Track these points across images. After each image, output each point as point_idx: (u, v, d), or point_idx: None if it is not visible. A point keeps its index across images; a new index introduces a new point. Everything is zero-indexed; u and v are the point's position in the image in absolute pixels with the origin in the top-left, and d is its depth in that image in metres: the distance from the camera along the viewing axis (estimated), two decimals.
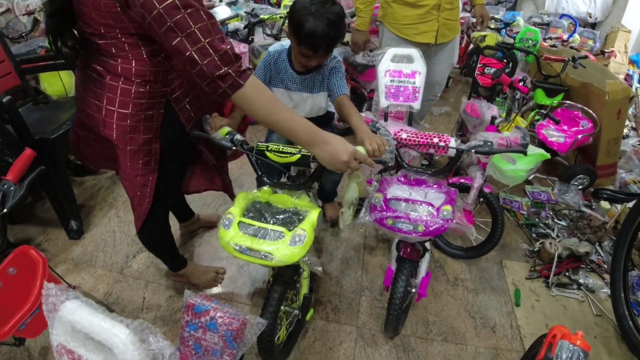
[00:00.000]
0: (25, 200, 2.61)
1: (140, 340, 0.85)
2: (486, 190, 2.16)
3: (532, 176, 3.12)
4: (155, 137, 1.37)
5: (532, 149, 2.26)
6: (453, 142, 1.51)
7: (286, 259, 1.20)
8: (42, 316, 0.96)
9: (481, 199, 2.23)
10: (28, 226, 2.47)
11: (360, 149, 1.28)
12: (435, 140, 1.53)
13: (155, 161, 1.42)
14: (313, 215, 1.30)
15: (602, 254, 2.44)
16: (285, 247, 1.20)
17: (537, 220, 2.70)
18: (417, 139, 1.55)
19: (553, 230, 2.63)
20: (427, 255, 1.71)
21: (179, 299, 2.01)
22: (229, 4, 3.61)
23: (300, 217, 1.33)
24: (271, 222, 1.31)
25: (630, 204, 2.67)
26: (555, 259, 2.31)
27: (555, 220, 2.73)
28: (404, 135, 1.57)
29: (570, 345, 1.02)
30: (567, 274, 2.30)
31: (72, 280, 2.10)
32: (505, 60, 3.36)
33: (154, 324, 1.87)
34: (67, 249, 2.31)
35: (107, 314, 0.88)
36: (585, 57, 3.29)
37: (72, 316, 0.88)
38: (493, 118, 2.54)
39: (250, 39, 3.30)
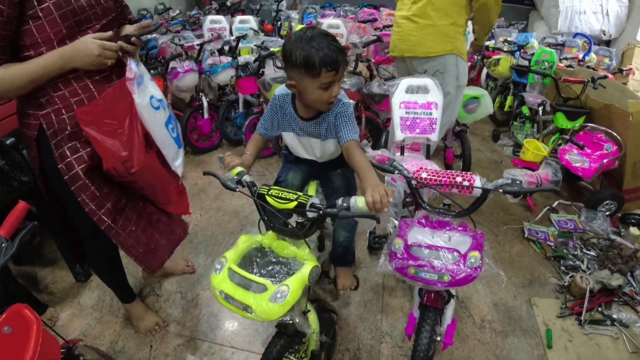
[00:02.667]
0: (29, 243, 2.56)
1: None
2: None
3: (556, 203, 3.00)
4: None
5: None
6: (478, 181, 1.40)
7: (264, 315, 1.12)
8: None
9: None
10: (35, 267, 2.40)
11: (360, 199, 1.19)
12: (459, 179, 1.42)
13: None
14: (305, 269, 1.21)
15: (635, 285, 2.29)
16: (264, 302, 1.13)
17: (565, 251, 2.56)
18: (438, 179, 1.44)
19: (582, 261, 2.49)
20: (453, 301, 1.58)
21: (187, 348, 1.91)
22: (240, 38, 3.59)
23: (293, 270, 1.24)
24: (260, 272, 1.26)
25: None
26: (587, 294, 2.16)
27: (584, 250, 2.59)
28: (424, 175, 1.46)
29: None
30: (599, 309, 2.15)
31: (78, 326, 2.02)
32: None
33: None
34: (73, 292, 2.24)
35: None
36: (605, 77, 3.19)
37: None
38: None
39: (260, 71, 3.26)
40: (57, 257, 2.41)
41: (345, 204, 1.19)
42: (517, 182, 1.35)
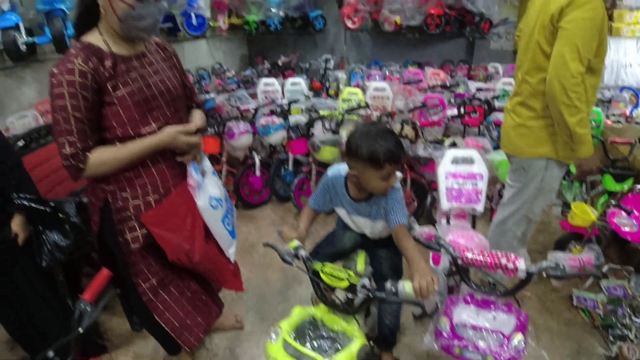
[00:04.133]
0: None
1: None
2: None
3: (606, 268, 2.93)
4: None
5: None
6: (522, 264, 1.46)
7: None
8: None
9: None
10: None
11: (408, 284, 1.29)
12: (504, 261, 1.48)
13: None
14: (354, 346, 1.31)
15: None
16: None
17: (614, 320, 2.49)
18: (483, 260, 1.52)
19: (631, 330, 2.40)
20: None
21: None
22: (291, 102, 3.84)
23: (342, 345, 1.34)
24: (312, 345, 1.35)
25: None
26: None
27: (633, 317, 2.50)
28: (470, 255, 1.54)
29: None
30: None
31: None
32: None
33: None
34: (130, 340, 2.37)
35: None
36: None
37: None
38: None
39: (310, 133, 3.47)
40: (115, 304, 2.54)
41: (393, 289, 1.29)
42: (560, 266, 1.41)
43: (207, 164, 1.85)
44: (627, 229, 2.72)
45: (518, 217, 2.39)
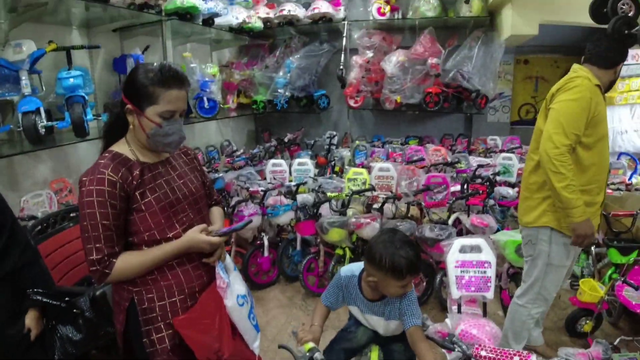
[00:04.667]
0: None
1: None
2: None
3: (618, 340, 2.87)
4: None
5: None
6: None
7: None
8: None
9: None
10: None
11: None
12: (516, 359, 1.49)
13: None
14: None
15: None
16: None
17: None
18: (497, 358, 1.52)
19: None
20: None
21: None
22: (299, 184, 3.96)
23: None
24: None
25: None
26: None
27: None
28: (483, 353, 1.54)
29: None
30: None
31: None
32: None
33: None
34: None
35: None
36: None
37: None
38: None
39: (317, 214, 3.55)
40: None
41: None
42: None
43: (229, 260, 1.89)
44: (635, 302, 2.70)
45: (532, 295, 2.44)
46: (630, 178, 4.73)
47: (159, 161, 1.68)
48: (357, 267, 1.73)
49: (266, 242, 3.73)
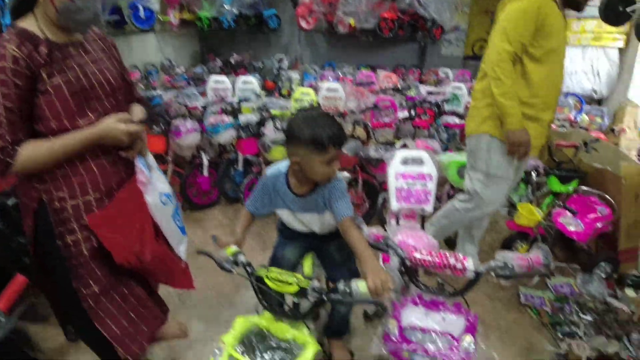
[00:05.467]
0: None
1: None
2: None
3: (552, 266, 3.01)
4: None
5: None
6: (471, 264, 1.43)
7: None
8: None
9: None
10: (26, 322, 2.28)
11: (362, 283, 1.23)
12: (452, 261, 1.45)
13: None
14: (308, 354, 1.22)
15: (632, 350, 2.25)
16: None
17: (561, 317, 2.55)
18: (432, 260, 1.47)
19: (579, 327, 2.46)
20: None
21: None
22: (243, 100, 3.72)
23: (294, 355, 1.25)
24: (263, 357, 1.25)
25: None
26: None
27: (581, 315, 2.57)
28: (418, 256, 1.49)
29: None
30: None
31: None
32: None
33: None
34: (64, 351, 2.18)
35: None
36: (597, 140, 3.27)
37: None
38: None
39: (261, 132, 3.36)
40: (49, 313, 2.32)
41: (347, 289, 1.22)
42: (509, 266, 1.39)
43: (151, 158, 1.72)
44: (572, 228, 2.80)
45: (471, 205, 2.55)
46: (575, 117, 4.85)
47: (70, 42, 1.48)
48: (284, 164, 1.61)
49: (205, 161, 3.53)
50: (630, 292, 2.67)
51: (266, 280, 1.34)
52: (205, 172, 3.55)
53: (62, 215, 1.48)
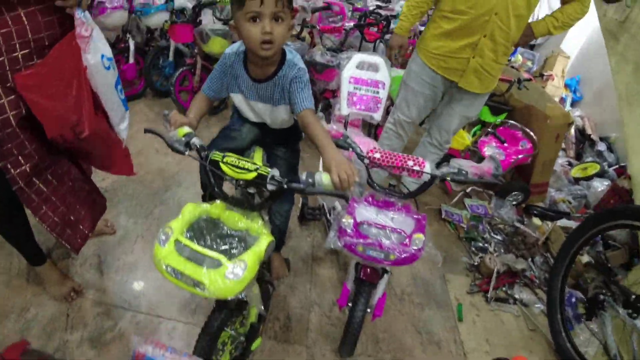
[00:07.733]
0: None
1: None
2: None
3: (470, 189, 3.23)
4: None
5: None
6: (428, 167, 1.45)
7: (219, 292, 1.06)
8: None
9: None
10: None
11: (325, 176, 1.15)
12: (410, 163, 1.45)
13: None
14: (262, 244, 1.17)
15: (535, 270, 2.56)
16: (220, 279, 1.06)
17: (476, 233, 2.79)
18: (391, 160, 1.47)
19: (490, 244, 2.72)
20: (386, 276, 1.65)
21: (108, 317, 1.78)
22: None
23: (248, 244, 1.20)
24: (212, 245, 1.18)
25: (560, 223, 2.86)
26: (494, 275, 2.38)
27: (492, 234, 2.83)
28: (377, 155, 1.48)
29: None
30: (504, 288, 2.38)
31: None
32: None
33: (79, 346, 1.64)
34: None
35: None
36: (529, 80, 3.42)
37: None
38: None
39: (198, 20, 3.03)
40: None
41: (310, 180, 1.15)
42: (464, 172, 1.42)
43: (92, 21, 1.43)
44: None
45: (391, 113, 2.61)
46: (510, 57, 4.99)
47: None
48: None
49: (132, 46, 3.15)
50: (536, 221, 2.95)
51: (222, 166, 1.22)
52: (131, 59, 3.18)
53: None
